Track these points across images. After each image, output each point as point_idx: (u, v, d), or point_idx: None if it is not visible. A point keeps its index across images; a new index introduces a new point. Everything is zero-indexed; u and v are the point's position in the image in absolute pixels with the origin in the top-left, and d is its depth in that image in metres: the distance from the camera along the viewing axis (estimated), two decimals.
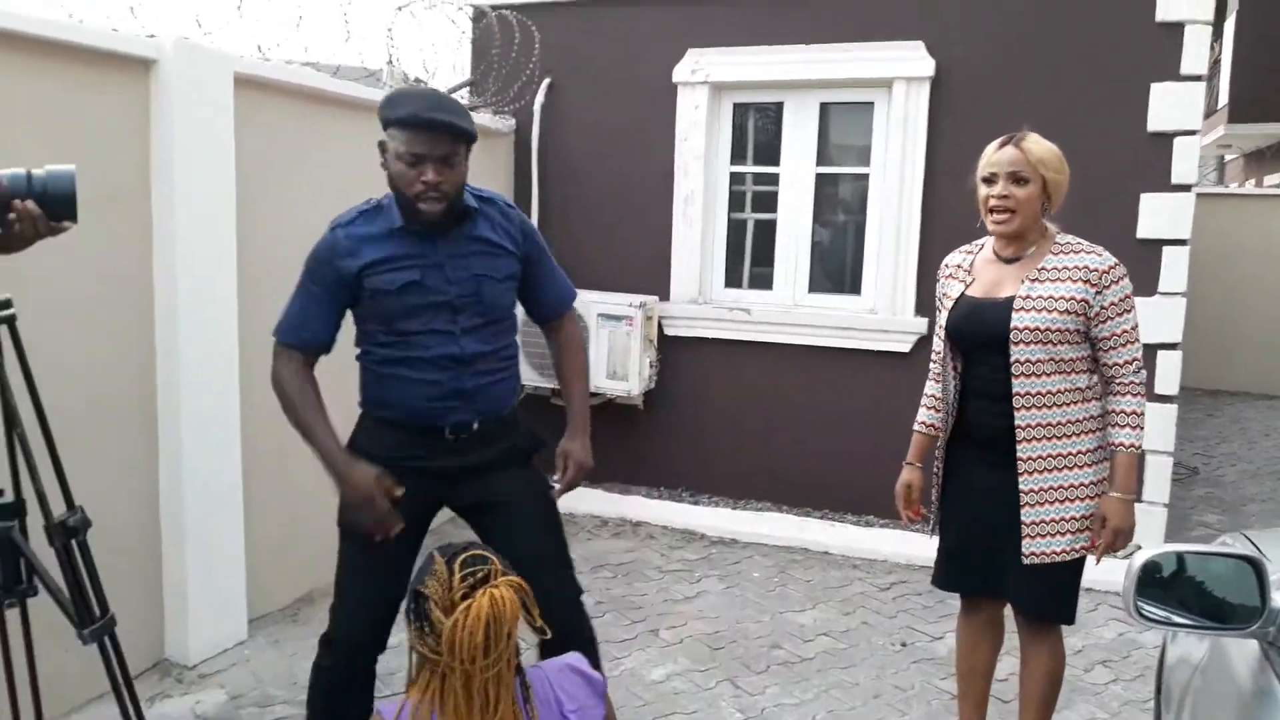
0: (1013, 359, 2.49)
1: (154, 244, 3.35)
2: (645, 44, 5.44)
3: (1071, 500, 2.51)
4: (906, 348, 5.07)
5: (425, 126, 2.27)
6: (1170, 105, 4.59)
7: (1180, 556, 1.72)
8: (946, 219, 4.97)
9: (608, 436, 5.68)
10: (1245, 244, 9.57)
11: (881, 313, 5.14)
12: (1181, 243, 4.64)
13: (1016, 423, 2.51)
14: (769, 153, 5.48)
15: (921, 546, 4.82)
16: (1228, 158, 19.29)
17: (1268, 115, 15.03)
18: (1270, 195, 10.82)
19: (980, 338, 2.57)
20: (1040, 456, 2.51)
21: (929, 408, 2.85)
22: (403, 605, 1.62)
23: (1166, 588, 1.72)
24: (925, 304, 5.03)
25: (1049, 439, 2.50)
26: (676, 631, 3.92)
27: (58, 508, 1.99)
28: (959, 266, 2.74)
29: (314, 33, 4.75)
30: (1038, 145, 2.55)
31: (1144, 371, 2.55)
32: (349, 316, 2.51)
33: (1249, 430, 8.24)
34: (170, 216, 3.32)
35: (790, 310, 5.36)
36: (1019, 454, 2.51)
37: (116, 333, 3.26)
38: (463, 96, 5.67)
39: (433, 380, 2.40)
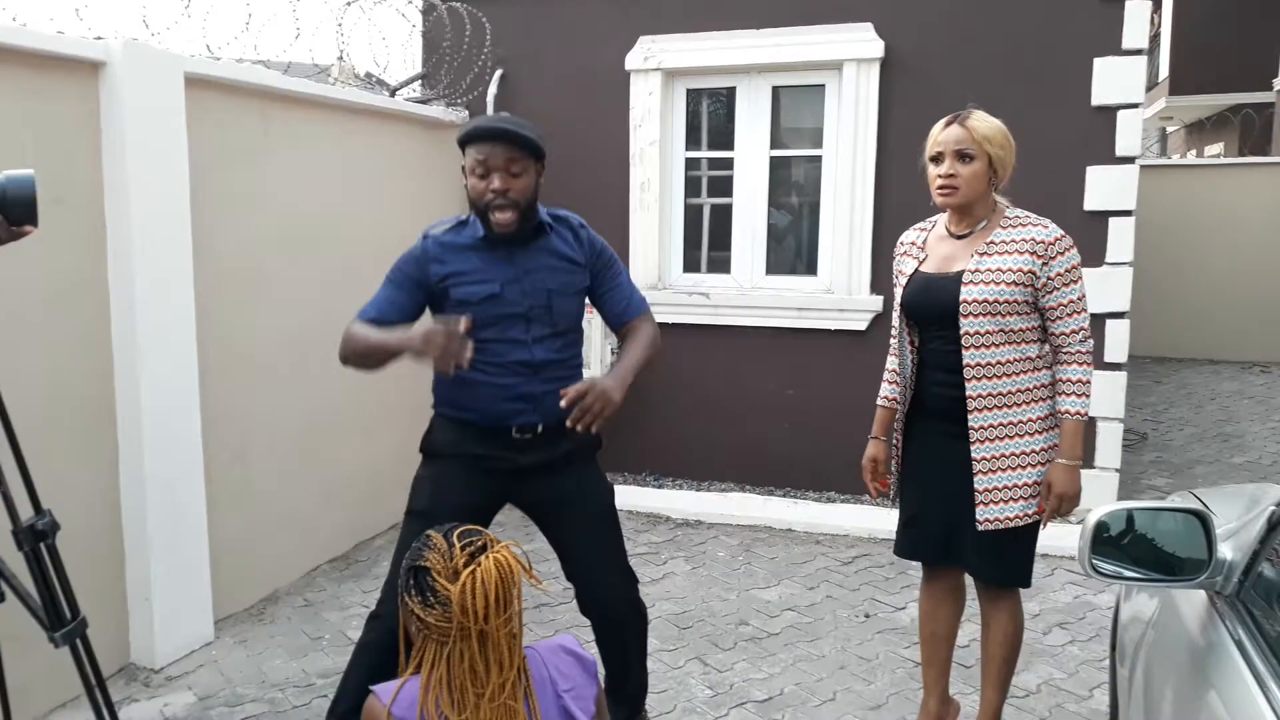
0: (962, 331, 2.55)
1: (108, 246, 3.31)
2: (596, 32, 5.45)
3: (1023, 467, 2.58)
4: (863, 326, 5.14)
5: (487, 137, 2.50)
6: (1113, 79, 4.70)
7: (1131, 514, 1.78)
8: (899, 198, 5.04)
9: None
10: (1188, 214, 9.79)
11: (837, 292, 5.21)
12: (1127, 213, 4.75)
13: (967, 393, 2.57)
14: (723, 138, 5.52)
15: (882, 520, 4.90)
16: (1170, 130, 19.66)
17: (1207, 87, 15.37)
18: (1211, 165, 11.07)
19: (932, 311, 2.63)
20: (991, 425, 2.57)
21: (889, 382, 2.92)
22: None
23: (1119, 545, 1.78)
24: (880, 282, 5.11)
25: (999, 408, 2.57)
26: None
27: (24, 511, 1.97)
28: (913, 244, 2.79)
29: (263, 31, 4.71)
30: (982, 122, 2.59)
31: (1091, 341, 2.62)
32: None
33: (1195, 395, 8.45)
34: (125, 218, 3.28)
35: (748, 293, 5.41)
36: (970, 423, 2.58)
37: (72, 336, 3.22)
38: (415, 90, 5.64)
39: (504, 384, 2.57)
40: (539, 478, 2.65)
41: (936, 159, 2.61)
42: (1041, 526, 2.64)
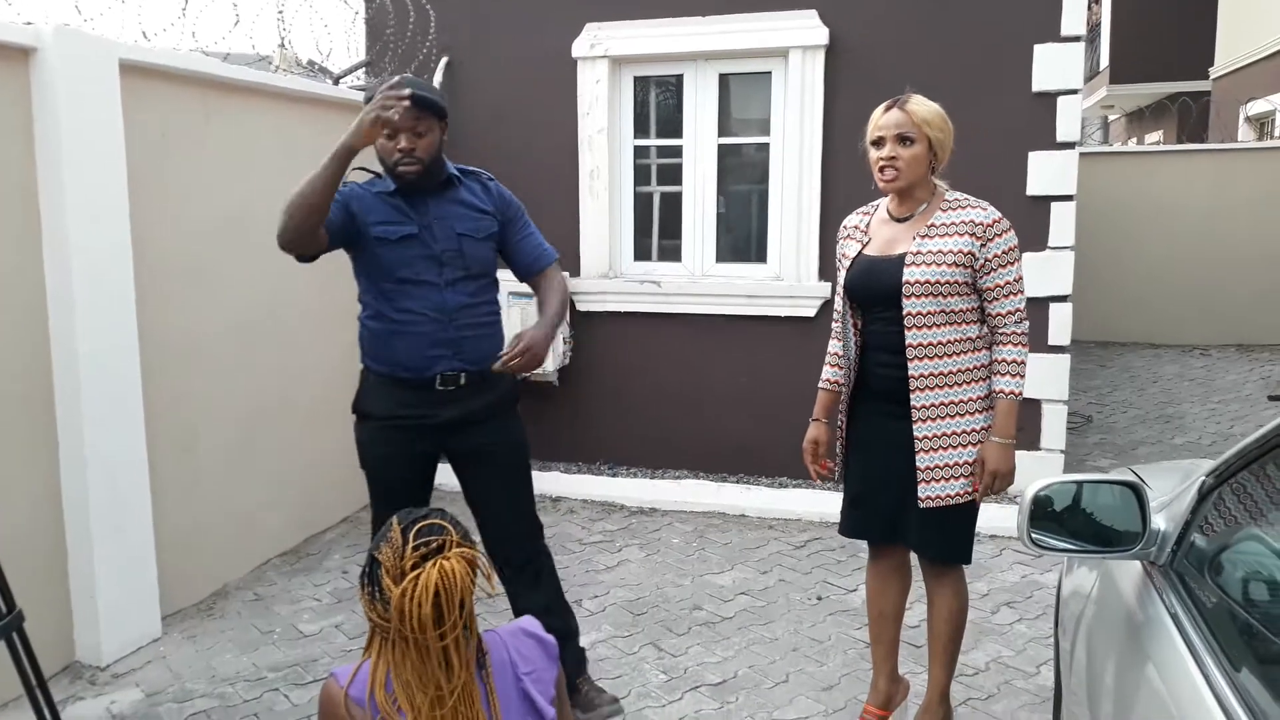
0: (905, 311, 2.60)
1: (44, 236, 3.23)
2: (542, 19, 5.42)
3: (964, 445, 2.63)
4: (812, 312, 5.18)
5: None
6: (1052, 66, 4.77)
7: (1068, 487, 1.81)
8: (846, 184, 5.08)
9: (524, 414, 5.69)
10: (1129, 200, 9.98)
11: (787, 279, 5.24)
12: (1068, 198, 4.83)
13: (910, 373, 2.61)
14: (671, 126, 5.52)
15: (833, 504, 4.94)
16: (1111, 118, 20.03)
17: (1146, 75, 15.67)
18: (1150, 153, 11.28)
19: (875, 293, 2.67)
20: (933, 405, 2.62)
21: (832, 365, 2.94)
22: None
23: (1057, 518, 1.81)
24: (828, 269, 5.15)
25: (941, 388, 2.62)
26: (599, 600, 3.97)
27: None
28: (856, 227, 2.84)
29: (200, 17, 4.61)
30: (922, 106, 2.63)
31: (1026, 322, 2.68)
32: (351, 280, 2.88)
33: (1138, 378, 8.63)
34: (60, 208, 3.21)
35: (699, 280, 5.42)
36: (913, 402, 2.62)
37: (7, 328, 3.14)
38: (358, 77, 5.58)
39: (422, 331, 2.75)
40: (463, 430, 2.84)
41: (877, 143, 2.65)
42: (976, 502, 2.69)
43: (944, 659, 2.82)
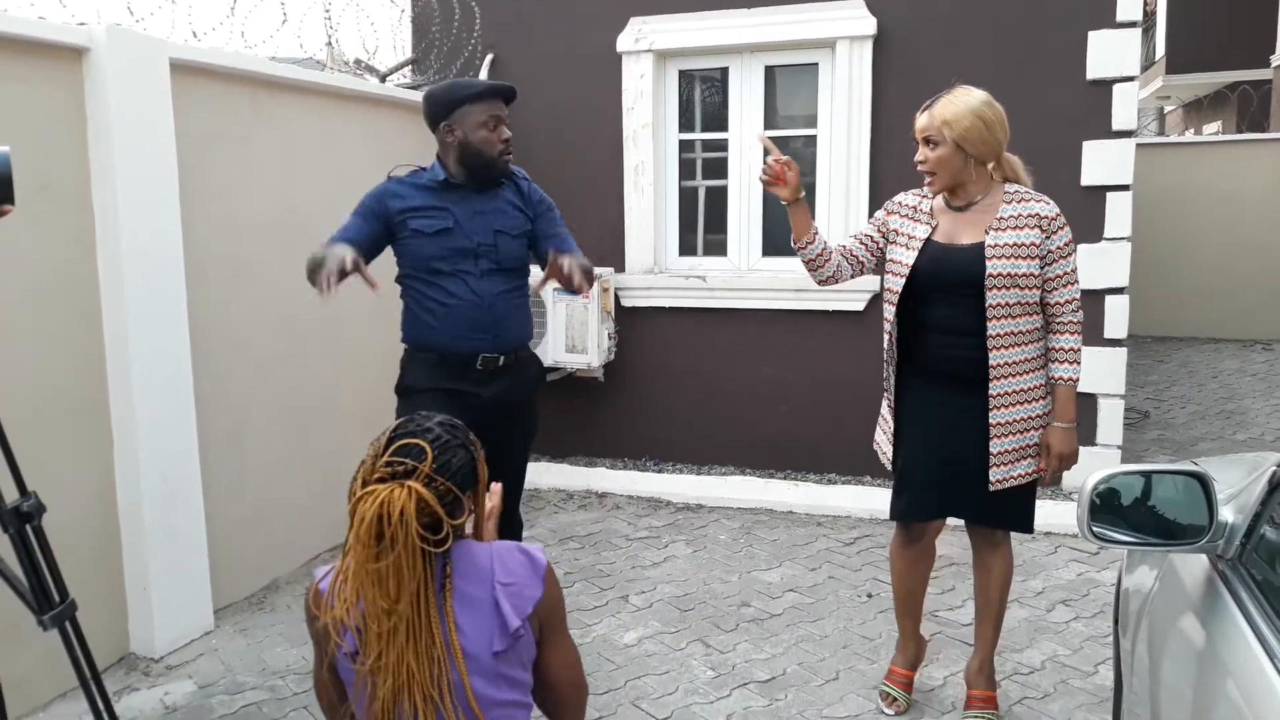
0: (990, 303, 2.66)
1: (97, 234, 3.28)
2: (587, 14, 5.41)
3: (1029, 430, 2.74)
4: (860, 306, 5.11)
5: (499, 93, 2.93)
6: (1108, 52, 4.66)
7: (1130, 477, 1.75)
8: (894, 176, 5.00)
9: (569, 410, 5.71)
10: (1187, 192, 9.74)
11: None
12: (1124, 188, 4.71)
13: (991, 361, 2.68)
14: (717, 119, 5.48)
15: (883, 501, 4.89)
16: (1167, 109, 19.60)
17: (1203, 65, 15.31)
18: (1209, 143, 11.02)
19: (950, 280, 2.72)
20: (1009, 392, 2.71)
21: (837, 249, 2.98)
22: None
23: (1119, 511, 1.76)
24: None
25: (1016, 375, 2.70)
26: (646, 596, 3.94)
27: (10, 495, 1.95)
28: (916, 209, 2.87)
29: (249, 17, 4.67)
30: (947, 106, 2.65)
31: (1082, 311, 2.74)
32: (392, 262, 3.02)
33: (1197, 374, 8.42)
34: (113, 206, 3.25)
35: (745, 275, 5.38)
36: (992, 390, 2.70)
37: (61, 324, 3.20)
38: (405, 75, 5.61)
39: (462, 316, 2.90)
40: (498, 417, 2.93)
41: (918, 143, 2.76)
42: (1043, 485, 2.82)
43: (996, 620, 2.97)
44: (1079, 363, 2.73)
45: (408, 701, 1.49)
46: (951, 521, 4.31)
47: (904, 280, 2.78)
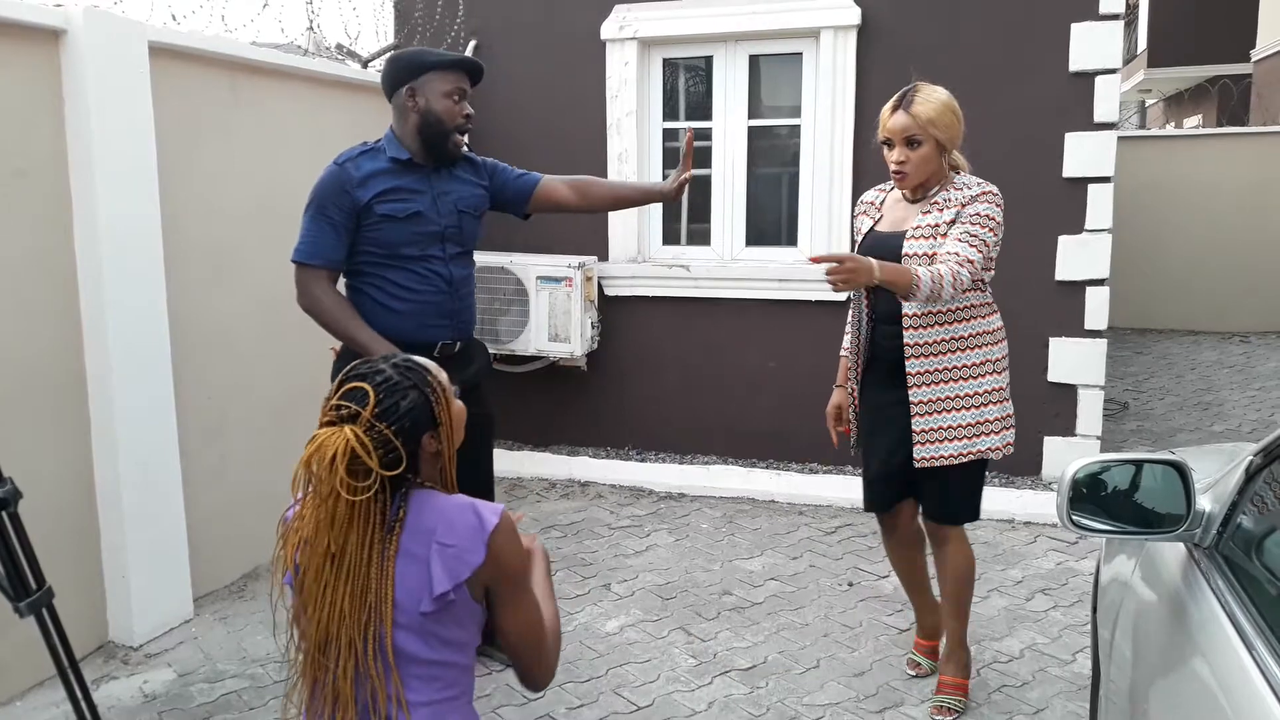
0: None
1: (74, 219, 3.24)
2: (571, 1, 5.38)
3: (959, 409, 2.74)
4: (843, 296, 5.11)
5: (468, 67, 2.86)
6: (1090, 45, 4.67)
7: (1109, 466, 1.76)
8: (878, 166, 4.96)
9: (552, 399, 5.70)
10: (1168, 185, 9.80)
11: None
12: (1106, 180, 4.73)
13: (905, 340, 2.74)
14: (701, 108, 5.47)
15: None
16: (1148, 102, 19.71)
17: (1185, 59, 15.40)
18: (1190, 136, 11.08)
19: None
20: (927, 371, 2.74)
21: (849, 334, 3.04)
22: None
23: (1098, 500, 1.76)
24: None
25: (935, 354, 2.73)
26: (628, 585, 3.95)
27: None
28: (871, 203, 2.98)
29: (230, 1, 4.62)
30: (925, 105, 2.66)
31: (964, 273, 2.56)
32: None
33: (1175, 365, 8.49)
34: (90, 191, 3.22)
35: (728, 264, 5.38)
36: (908, 369, 2.75)
37: (38, 310, 3.16)
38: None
39: (430, 302, 2.82)
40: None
41: (887, 143, 2.73)
42: (979, 463, 2.80)
43: (957, 611, 2.97)
44: (936, 282, 2.50)
45: (332, 645, 1.48)
46: None
47: None
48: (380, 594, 1.47)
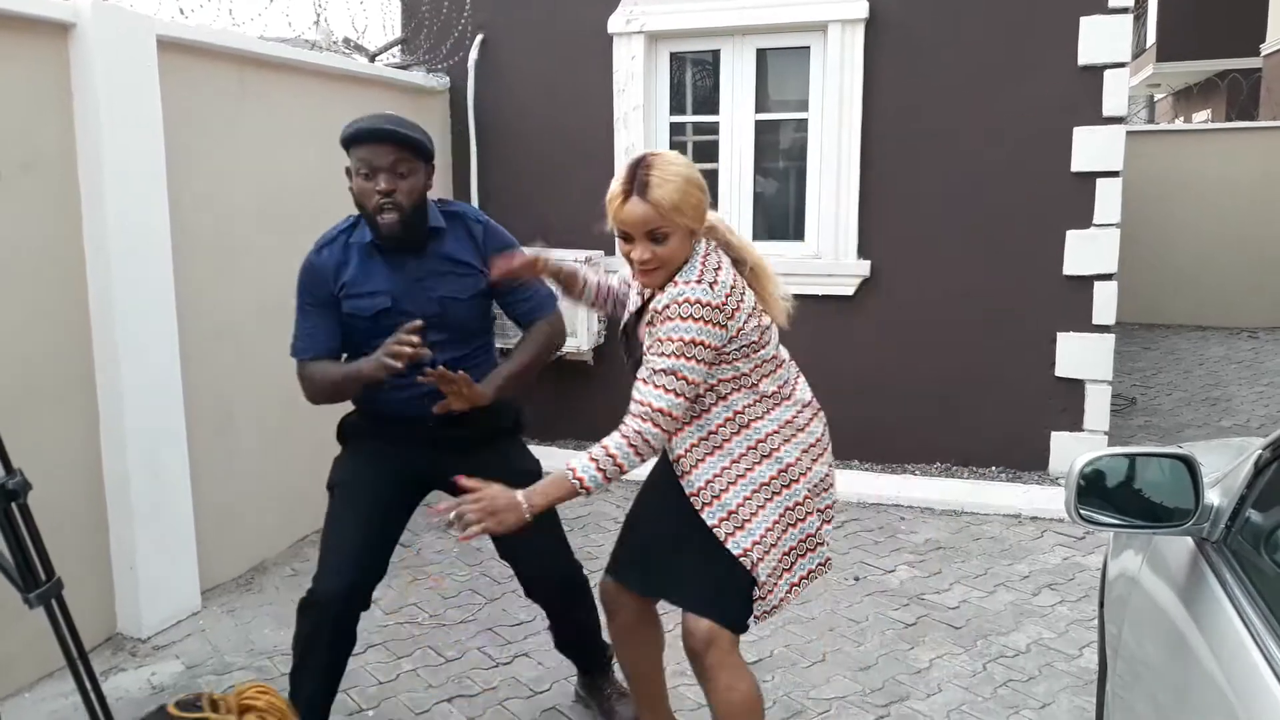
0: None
1: (83, 212, 3.25)
2: None
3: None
4: (850, 291, 5.11)
5: (370, 138, 2.42)
6: (1099, 38, 4.66)
7: (1116, 461, 1.76)
8: (886, 161, 5.02)
9: (559, 394, 5.69)
10: (1176, 180, 9.76)
11: (825, 257, 5.17)
12: (1114, 175, 4.72)
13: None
14: (708, 102, 5.46)
15: (871, 484, 4.91)
16: (1157, 97, 19.63)
17: (1194, 53, 15.33)
18: (1199, 131, 11.04)
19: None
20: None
21: None
22: None
23: (1106, 494, 1.76)
24: (867, 247, 5.09)
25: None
26: None
27: None
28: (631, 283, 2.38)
29: None
30: (666, 189, 2.06)
31: (651, 431, 2.16)
32: None
33: (1183, 360, 8.47)
34: (98, 184, 3.22)
35: None
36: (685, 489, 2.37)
37: (46, 303, 3.17)
38: (394, 55, 5.57)
39: (407, 384, 2.43)
40: (457, 453, 2.52)
41: (625, 236, 2.13)
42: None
43: None
44: (597, 465, 2.13)
45: None
46: (940, 508, 4.35)
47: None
48: None
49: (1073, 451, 4.87)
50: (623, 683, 2.86)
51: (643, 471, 2.44)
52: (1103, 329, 4.84)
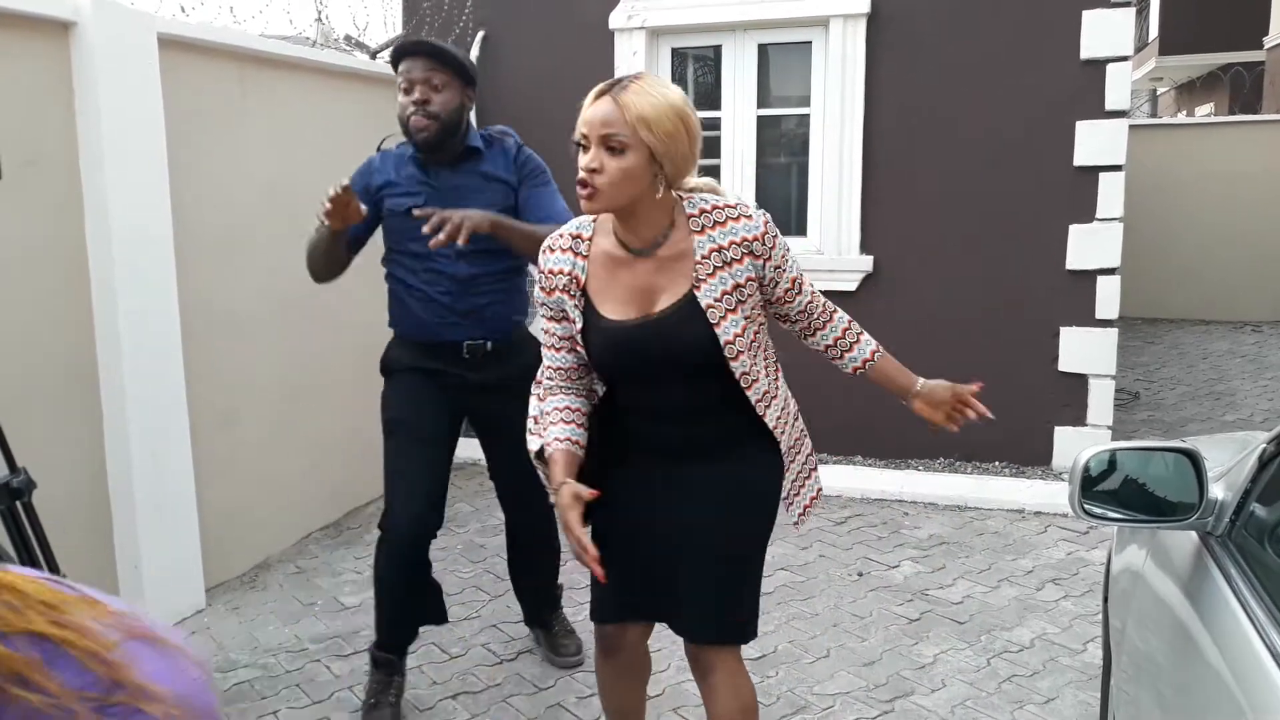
0: (738, 374, 2.01)
1: (85, 209, 3.26)
2: None
3: None
4: (853, 286, 5.11)
5: (407, 52, 2.70)
6: (1102, 32, 4.65)
7: (1120, 455, 1.76)
8: (888, 156, 5.01)
9: None
10: (1179, 174, 9.75)
11: (828, 252, 5.17)
12: (1117, 169, 4.71)
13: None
14: (710, 98, 5.45)
15: (875, 480, 4.91)
16: (1160, 91, 19.59)
17: (1197, 46, 15.29)
18: (1202, 124, 11.02)
19: (666, 362, 1.98)
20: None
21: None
22: None
23: (1110, 489, 1.76)
24: (870, 242, 5.08)
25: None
26: None
27: (0, 471, 1.94)
28: (557, 272, 2.01)
29: None
30: (642, 98, 1.81)
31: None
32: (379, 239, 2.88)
33: (1187, 355, 8.46)
34: (101, 181, 3.23)
35: None
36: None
37: (49, 301, 3.18)
38: None
39: (437, 298, 2.74)
40: (491, 395, 2.82)
41: (582, 145, 1.87)
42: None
43: None
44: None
45: None
46: (943, 503, 4.35)
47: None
48: None
49: (1076, 446, 4.86)
50: (569, 619, 3.34)
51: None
52: (1106, 323, 4.83)
